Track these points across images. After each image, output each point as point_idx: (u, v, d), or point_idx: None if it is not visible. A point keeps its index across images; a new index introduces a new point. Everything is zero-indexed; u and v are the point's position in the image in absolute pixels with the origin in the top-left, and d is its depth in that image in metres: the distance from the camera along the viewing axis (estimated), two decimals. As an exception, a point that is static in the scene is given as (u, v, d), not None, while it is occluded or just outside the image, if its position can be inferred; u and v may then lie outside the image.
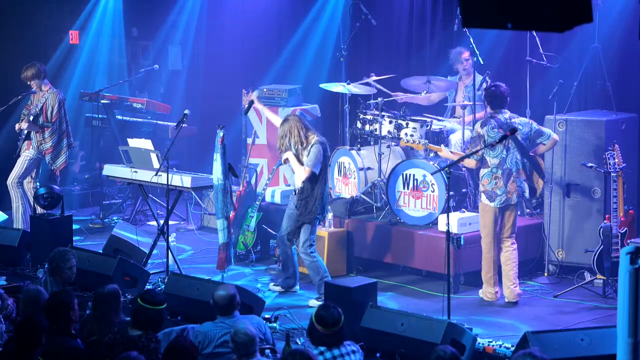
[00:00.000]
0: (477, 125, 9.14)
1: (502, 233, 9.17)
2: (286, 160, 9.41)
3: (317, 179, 9.23)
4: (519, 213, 9.54)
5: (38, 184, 11.17)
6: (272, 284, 9.77)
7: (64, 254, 8.00)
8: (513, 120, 9.04)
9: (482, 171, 9.11)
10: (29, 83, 11.08)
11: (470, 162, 9.13)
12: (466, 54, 10.64)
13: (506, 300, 9.15)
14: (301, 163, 9.25)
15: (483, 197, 9.13)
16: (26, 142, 11.17)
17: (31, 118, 11.05)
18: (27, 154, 11.17)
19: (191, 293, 8.31)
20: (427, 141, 9.65)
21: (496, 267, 9.18)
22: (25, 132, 11.13)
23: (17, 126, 11.22)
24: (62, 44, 13.39)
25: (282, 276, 9.68)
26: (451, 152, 9.45)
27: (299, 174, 9.30)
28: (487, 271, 9.20)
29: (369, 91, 10.68)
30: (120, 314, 7.09)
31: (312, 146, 9.20)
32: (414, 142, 9.34)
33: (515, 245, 9.21)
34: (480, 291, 9.31)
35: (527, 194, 9.18)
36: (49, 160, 11.13)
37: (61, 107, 11.12)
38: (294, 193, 9.51)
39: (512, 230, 9.19)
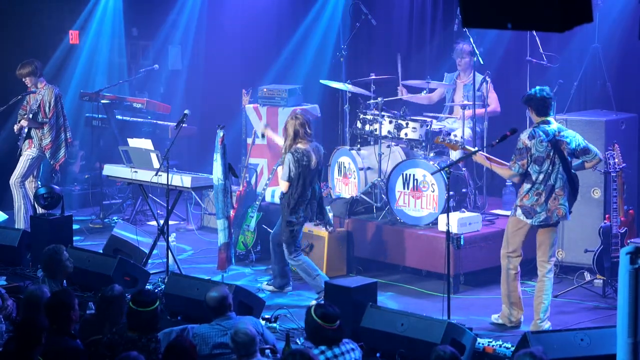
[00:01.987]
0: (524, 136, 8.26)
1: (539, 256, 8.48)
2: None
3: (292, 187, 9.24)
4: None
5: (39, 183, 11.17)
6: (265, 283, 9.79)
7: (57, 249, 8.01)
8: (562, 133, 8.27)
9: (525, 186, 8.30)
10: (24, 80, 11.08)
11: (513, 178, 8.49)
12: (465, 46, 10.54)
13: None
14: None
15: (519, 211, 8.36)
16: (27, 141, 11.18)
17: (30, 116, 11.06)
18: (28, 152, 11.17)
19: (191, 293, 8.31)
20: (463, 141, 8.99)
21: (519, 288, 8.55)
22: (26, 130, 11.14)
23: (15, 127, 11.21)
24: (62, 44, 13.39)
25: (274, 276, 9.74)
26: (487, 158, 8.51)
27: (281, 188, 9.41)
28: (509, 290, 8.54)
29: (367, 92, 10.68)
30: (124, 315, 7.10)
31: (284, 156, 9.27)
32: (449, 142, 8.80)
33: (552, 274, 8.44)
34: (496, 316, 8.70)
35: (569, 216, 8.40)
36: (49, 156, 11.13)
37: (57, 102, 11.13)
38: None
39: (551, 253, 8.44)
